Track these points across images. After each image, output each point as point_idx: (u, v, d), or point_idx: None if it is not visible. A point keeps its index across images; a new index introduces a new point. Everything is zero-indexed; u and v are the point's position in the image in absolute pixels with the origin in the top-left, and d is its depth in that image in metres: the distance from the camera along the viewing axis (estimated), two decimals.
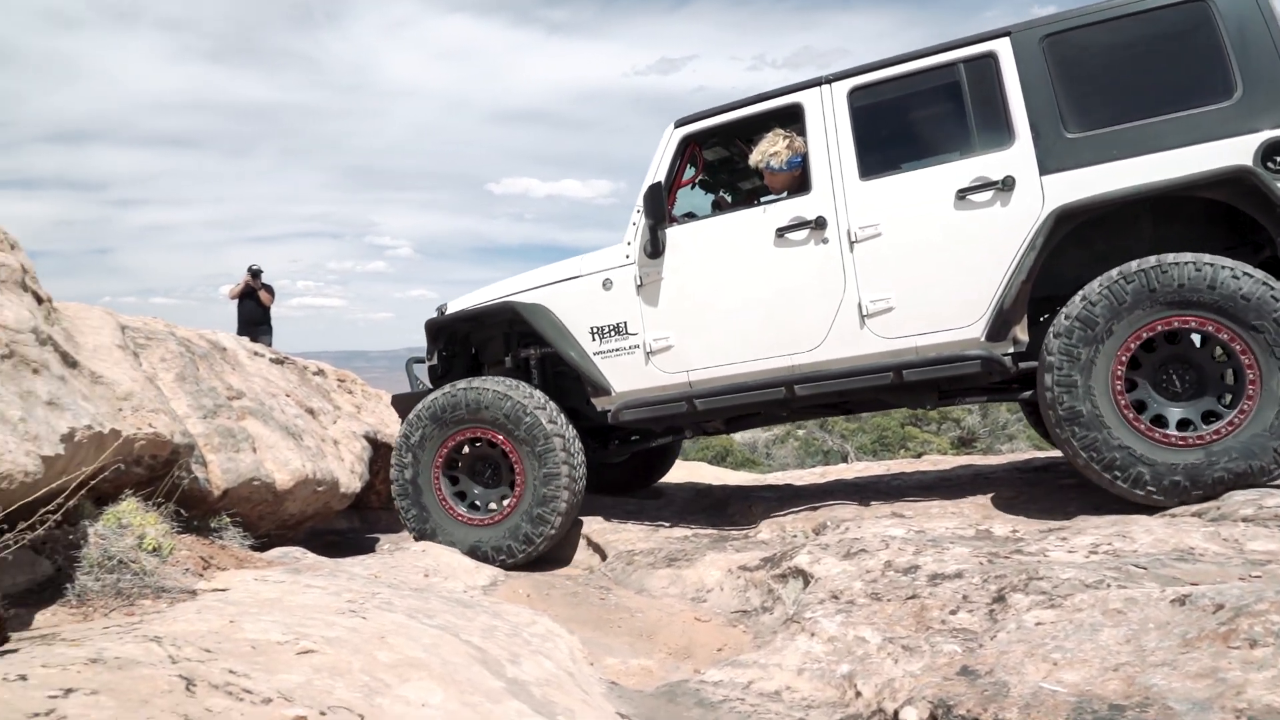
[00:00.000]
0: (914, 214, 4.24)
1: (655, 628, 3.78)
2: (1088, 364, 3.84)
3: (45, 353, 2.93)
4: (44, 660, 1.82)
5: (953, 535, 3.94)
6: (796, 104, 4.49)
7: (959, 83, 4.21)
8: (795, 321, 4.43)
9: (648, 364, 4.70)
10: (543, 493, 4.67)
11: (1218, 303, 3.67)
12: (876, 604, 3.15)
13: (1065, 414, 3.86)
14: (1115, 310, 3.81)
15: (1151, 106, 3.91)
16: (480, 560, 4.62)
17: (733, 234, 4.61)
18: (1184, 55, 3.93)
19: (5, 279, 3.07)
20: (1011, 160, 4.08)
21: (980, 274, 4.12)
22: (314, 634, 2.39)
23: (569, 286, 4.90)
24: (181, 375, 4.21)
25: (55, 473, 2.61)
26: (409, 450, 4.87)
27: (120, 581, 2.69)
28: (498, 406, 4.73)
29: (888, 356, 4.29)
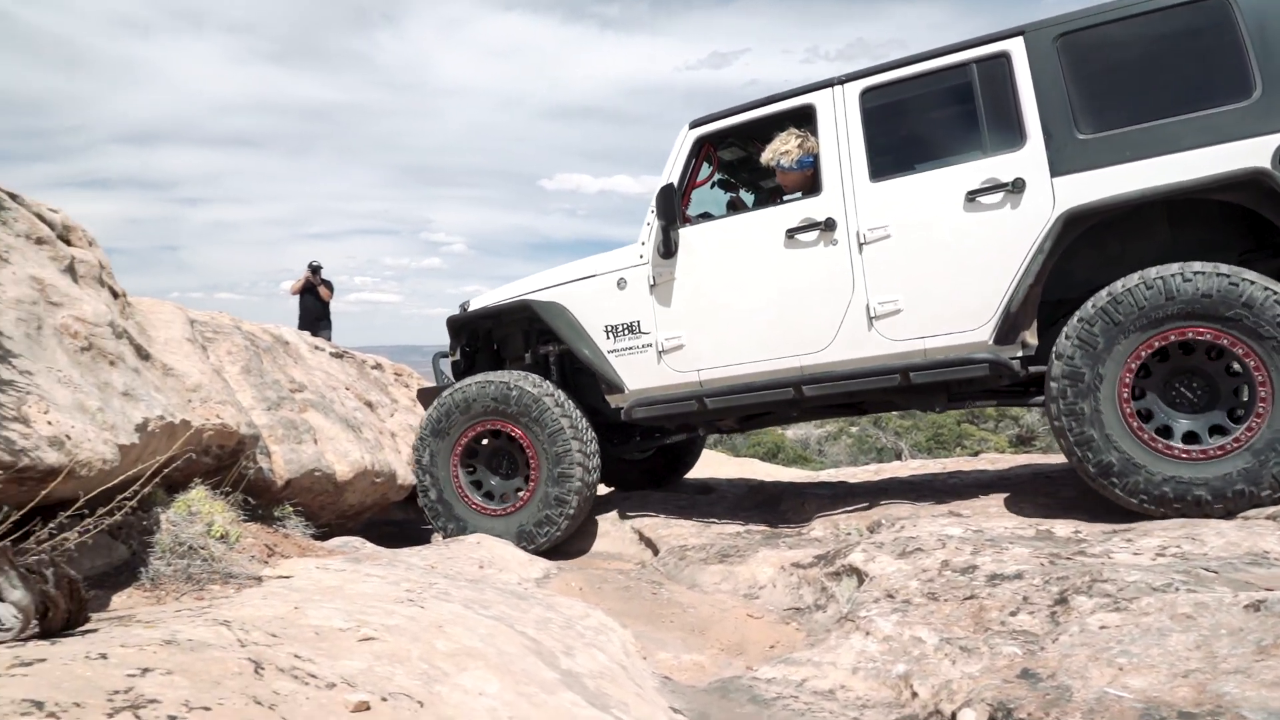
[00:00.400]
0: (923, 216, 4.21)
1: (707, 623, 3.78)
2: (1092, 384, 3.79)
3: (121, 346, 3.05)
4: (122, 641, 1.89)
5: (1012, 535, 3.86)
6: (809, 105, 4.48)
7: (971, 83, 4.15)
8: (804, 322, 4.44)
9: (659, 363, 4.76)
10: (554, 495, 4.77)
11: (1216, 312, 3.60)
12: (933, 604, 3.11)
13: (1076, 440, 3.84)
14: (1113, 330, 3.76)
15: (1166, 106, 3.82)
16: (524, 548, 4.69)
17: (744, 235, 4.62)
18: (1201, 53, 3.82)
19: (84, 274, 3.20)
20: (1022, 162, 4.02)
21: (989, 277, 4.08)
22: (374, 622, 2.44)
23: (584, 286, 4.97)
24: (247, 368, 4.34)
25: (130, 461, 2.72)
26: (428, 443, 5.00)
27: (190, 567, 2.79)
28: (509, 398, 4.84)
29: (895, 358, 4.28)
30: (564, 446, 4.77)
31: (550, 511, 4.79)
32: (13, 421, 2.26)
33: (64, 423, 2.44)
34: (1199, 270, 3.67)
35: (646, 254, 4.79)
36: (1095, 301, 3.83)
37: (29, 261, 2.88)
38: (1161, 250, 4.01)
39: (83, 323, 2.87)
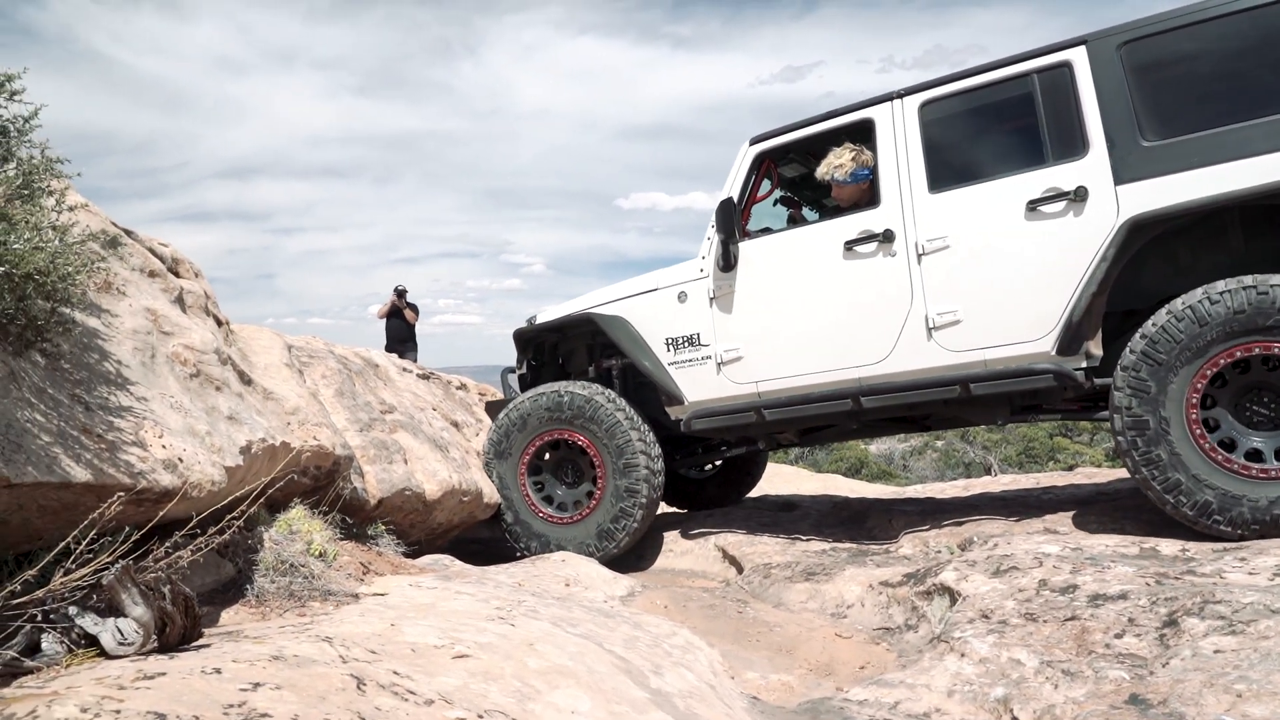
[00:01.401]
0: (983, 226, 4.18)
1: (795, 643, 3.73)
2: (1159, 429, 3.72)
3: (226, 371, 3.20)
4: (234, 656, 1.98)
5: (1113, 553, 3.70)
6: (869, 119, 4.51)
7: (1032, 94, 4.12)
8: (862, 334, 4.44)
9: (719, 374, 4.81)
10: (624, 486, 4.92)
11: (1256, 325, 3.55)
12: (1031, 625, 3.01)
13: (1163, 487, 3.75)
14: (1161, 371, 3.71)
15: (1236, 111, 3.71)
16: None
17: (802, 247, 4.65)
18: (1273, 57, 3.69)
19: (192, 304, 3.37)
20: (1085, 170, 3.96)
21: (1051, 286, 4.02)
22: (467, 639, 2.49)
23: (646, 299, 5.07)
24: (340, 391, 4.49)
25: (235, 482, 2.84)
26: (494, 466, 5.22)
27: (292, 584, 2.90)
28: (577, 408, 5.01)
29: (955, 369, 4.24)
30: (624, 438, 4.92)
31: (624, 504, 4.93)
32: (131, 446, 2.39)
33: (176, 446, 2.57)
34: (1224, 290, 3.62)
35: (707, 268, 4.87)
36: (1133, 347, 3.79)
37: (143, 294, 3.05)
38: (1234, 260, 3.91)
39: (191, 350, 3.02)
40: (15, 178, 2.09)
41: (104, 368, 2.56)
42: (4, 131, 2.18)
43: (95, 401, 2.41)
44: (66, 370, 2.39)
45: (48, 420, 2.17)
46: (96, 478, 2.18)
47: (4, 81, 2.15)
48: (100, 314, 2.71)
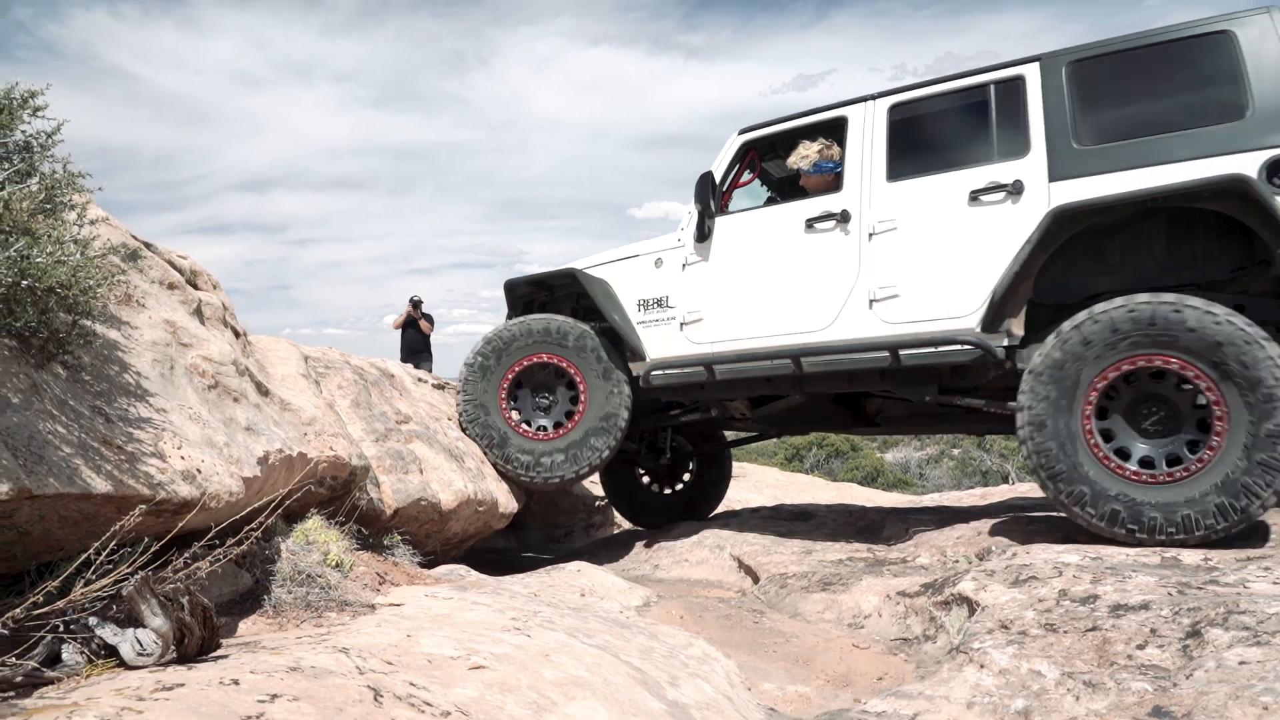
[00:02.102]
0: (929, 211, 4.55)
1: (811, 653, 3.71)
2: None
3: (243, 382, 3.22)
4: (251, 667, 1.98)
5: (1134, 562, 3.66)
6: (843, 116, 4.91)
7: (988, 101, 4.53)
8: (811, 303, 4.82)
9: (680, 333, 5.23)
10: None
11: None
12: (1052, 635, 2.97)
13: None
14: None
15: (1163, 124, 4.11)
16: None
17: (769, 224, 5.06)
18: (1202, 79, 4.11)
19: (210, 316, 3.40)
20: (1024, 168, 4.36)
21: (982, 268, 4.38)
22: (483, 650, 2.49)
23: (627, 264, 5.49)
24: (356, 401, 4.51)
25: (253, 493, 2.86)
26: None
27: (309, 595, 2.91)
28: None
29: (888, 339, 4.59)
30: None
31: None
32: (151, 457, 2.41)
33: (195, 457, 2.58)
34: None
35: (684, 238, 5.28)
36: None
37: (162, 305, 3.08)
38: (1158, 263, 4.26)
39: (210, 362, 3.05)
40: (38, 192, 2.11)
41: (124, 379, 2.58)
42: (28, 147, 2.20)
43: (115, 413, 2.43)
44: (87, 382, 2.41)
45: (69, 432, 2.19)
46: (116, 489, 2.20)
47: (27, 98, 2.18)
48: (120, 326, 2.74)
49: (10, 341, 2.20)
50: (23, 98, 2.23)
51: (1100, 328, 3.97)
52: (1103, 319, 3.98)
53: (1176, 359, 3.83)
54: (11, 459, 1.95)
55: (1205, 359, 3.77)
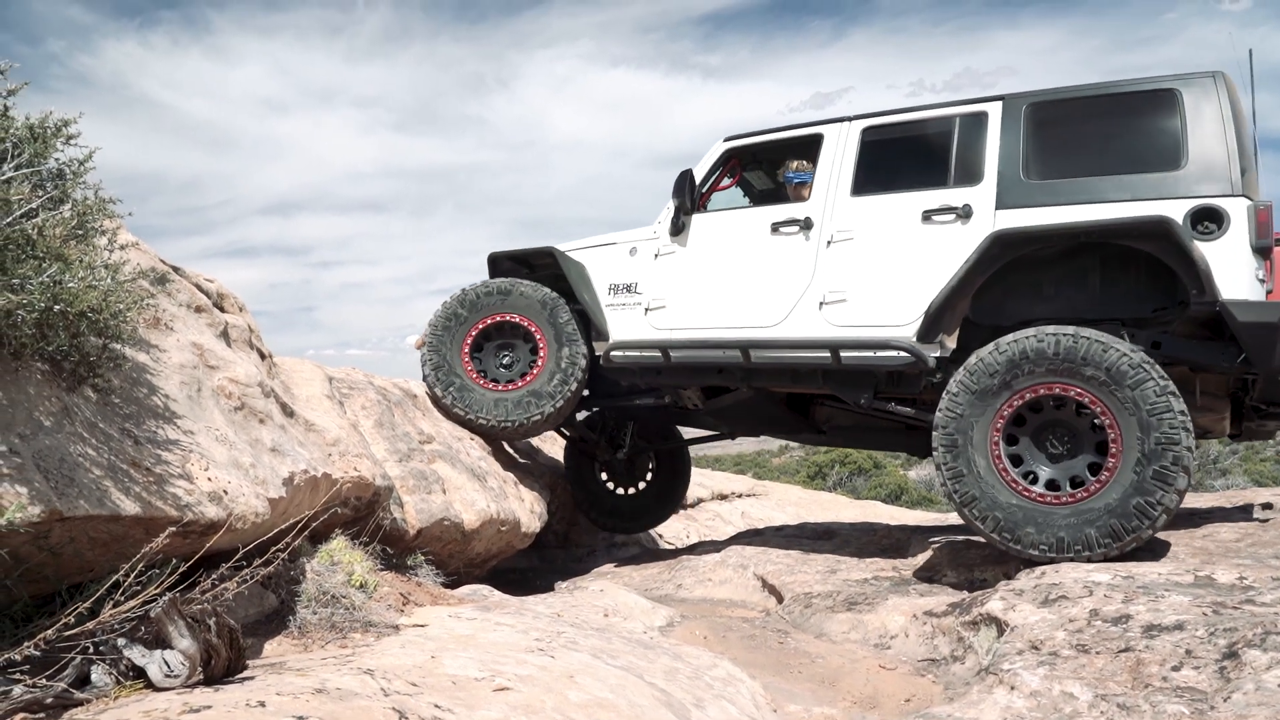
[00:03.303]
0: (884, 225, 4.85)
1: (837, 674, 3.66)
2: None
3: (269, 404, 3.25)
4: (278, 689, 1.99)
5: (1167, 581, 3.59)
6: (820, 134, 5.22)
7: (952, 131, 4.83)
8: (766, 300, 5.09)
9: (644, 318, 5.50)
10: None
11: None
12: (1084, 656, 2.92)
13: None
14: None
15: (1105, 167, 4.43)
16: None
17: (738, 225, 5.35)
18: (1146, 130, 4.45)
19: (236, 338, 3.44)
20: (975, 194, 4.65)
21: (925, 281, 4.64)
22: (507, 671, 2.48)
23: (603, 250, 5.76)
24: (379, 421, 4.54)
25: (278, 514, 2.88)
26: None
27: (334, 615, 2.92)
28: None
29: (831, 340, 4.87)
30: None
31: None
32: (178, 479, 2.44)
33: (222, 479, 2.61)
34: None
35: (660, 231, 5.55)
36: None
37: (190, 329, 3.12)
38: (1089, 297, 4.57)
39: (236, 384, 3.08)
40: (71, 219, 2.15)
41: (152, 402, 2.62)
42: (60, 175, 2.25)
43: (144, 435, 2.46)
44: (117, 405, 2.44)
45: (98, 454, 2.22)
46: (145, 510, 2.22)
47: (60, 127, 2.23)
48: (149, 349, 2.78)
49: (42, 365, 2.23)
50: (56, 126, 2.28)
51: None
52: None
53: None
54: (43, 481, 1.98)
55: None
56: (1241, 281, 4.09)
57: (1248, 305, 4.06)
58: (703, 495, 11.16)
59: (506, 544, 5.19)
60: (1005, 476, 4.21)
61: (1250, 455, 20.55)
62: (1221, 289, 4.07)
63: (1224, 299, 4.07)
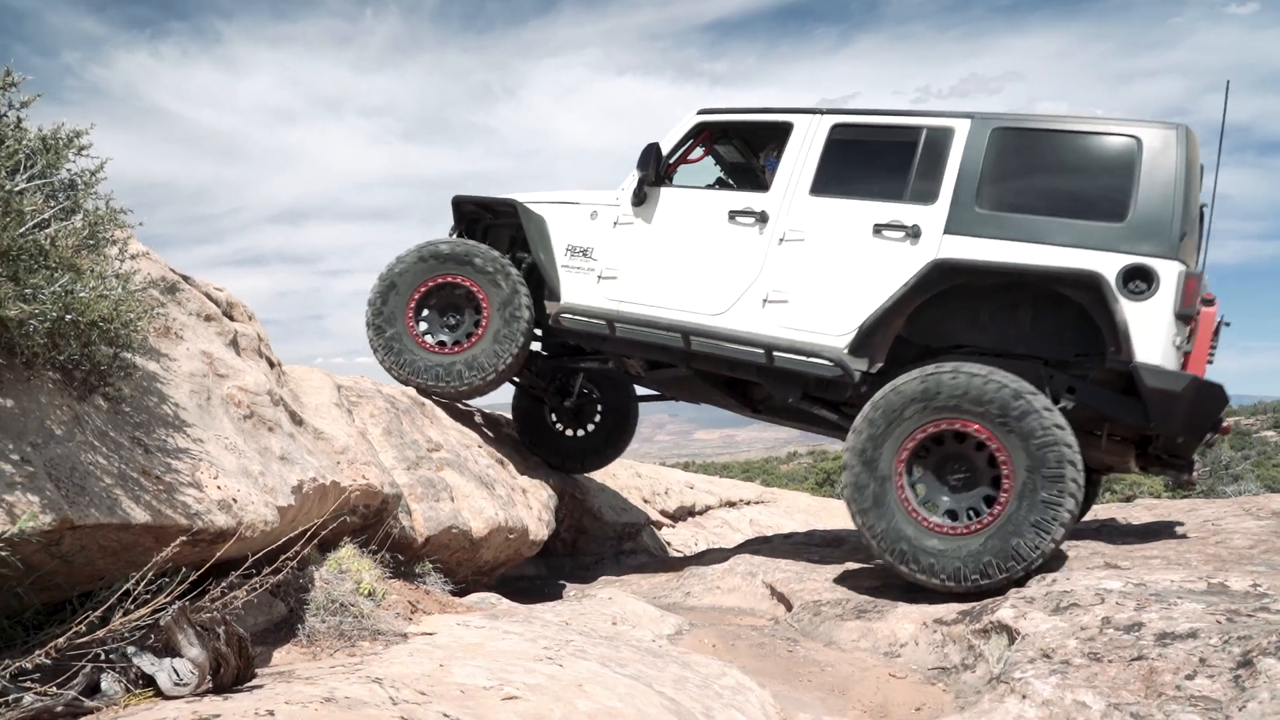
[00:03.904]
0: (836, 231, 4.88)
1: (847, 683, 3.64)
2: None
3: (278, 412, 3.26)
4: (286, 697, 1.99)
5: (1180, 589, 3.57)
6: (790, 122, 5.19)
7: (917, 143, 4.80)
8: (713, 288, 5.12)
9: (596, 285, 5.49)
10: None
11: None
12: (1096, 665, 2.90)
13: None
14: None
15: (1054, 207, 4.46)
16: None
17: (698, 206, 5.34)
18: (1099, 176, 4.47)
19: (245, 346, 3.45)
20: (927, 215, 4.66)
21: (864, 296, 4.70)
22: (516, 680, 2.48)
23: (565, 208, 5.72)
24: (388, 430, 4.55)
25: (287, 522, 2.88)
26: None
27: (342, 624, 2.92)
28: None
29: (768, 338, 4.94)
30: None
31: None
32: (188, 487, 2.44)
33: (231, 487, 2.61)
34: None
35: (622, 199, 5.51)
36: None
37: (199, 337, 3.13)
38: (1019, 332, 4.65)
39: (245, 392, 3.09)
40: (82, 229, 2.17)
41: (162, 410, 2.63)
42: (72, 185, 2.27)
43: (154, 444, 2.47)
44: (127, 413, 2.46)
45: (109, 463, 2.23)
46: (155, 519, 2.23)
47: (73, 138, 2.24)
48: (159, 358, 2.79)
49: (54, 374, 2.24)
50: (68, 138, 2.30)
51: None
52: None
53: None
54: (55, 490, 1.98)
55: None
56: (1158, 346, 4.19)
57: (1159, 372, 4.17)
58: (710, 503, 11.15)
59: (515, 552, 5.18)
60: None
61: (1263, 461, 20.42)
62: (1138, 351, 4.18)
63: (1138, 361, 4.18)
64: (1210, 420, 4.34)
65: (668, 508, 9.61)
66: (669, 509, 9.63)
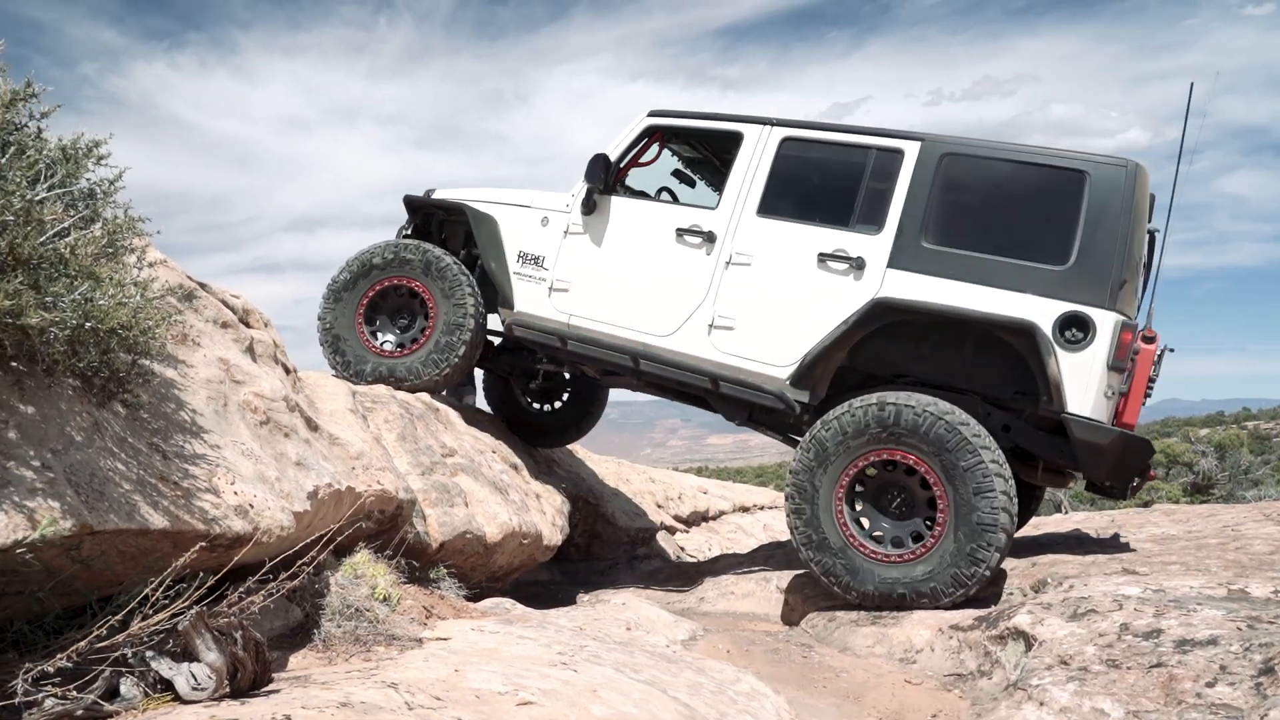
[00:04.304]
0: (781, 258, 4.83)
1: (862, 689, 3.63)
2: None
3: (294, 418, 3.28)
4: (303, 702, 2.00)
5: (1199, 595, 3.53)
6: (740, 132, 5.10)
7: (865, 165, 4.73)
8: (661, 309, 5.09)
9: (548, 297, 5.44)
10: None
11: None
12: (1114, 672, 2.88)
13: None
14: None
15: (997, 246, 4.43)
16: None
17: (646, 220, 5.27)
18: (1044, 213, 4.42)
19: (261, 353, 3.48)
20: (871, 245, 4.62)
21: (807, 328, 4.69)
22: (530, 685, 2.48)
23: (517, 211, 5.63)
24: (402, 435, 4.56)
25: (303, 527, 2.90)
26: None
27: (358, 629, 2.93)
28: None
29: (713, 365, 4.95)
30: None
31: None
32: (205, 493, 2.46)
33: (247, 492, 2.63)
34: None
35: (572, 206, 5.42)
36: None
37: (216, 344, 3.16)
38: (961, 367, 4.64)
39: (261, 398, 3.11)
40: (101, 237, 2.19)
41: (180, 417, 2.65)
42: (91, 194, 2.29)
43: (172, 450, 2.49)
44: (145, 420, 2.48)
45: (128, 469, 2.25)
46: (173, 524, 2.25)
47: (91, 148, 2.27)
48: (176, 365, 2.81)
49: (74, 381, 2.27)
50: (87, 147, 2.32)
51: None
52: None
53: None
54: (74, 496, 2.00)
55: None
56: (1089, 398, 4.23)
57: (1087, 424, 4.22)
58: (724, 508, 11.13)
59: (528, 557, 5.19)
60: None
61: None
62: (1069, 401, 4.22)
63: (1069, 411, 4.23)
64: (1135, 470, 4.45)
65: (681, 513, 9.60)
66: (682, 514, 9.62)
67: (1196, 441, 15.93)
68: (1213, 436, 15.99)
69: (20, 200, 2.00)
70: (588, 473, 7.82)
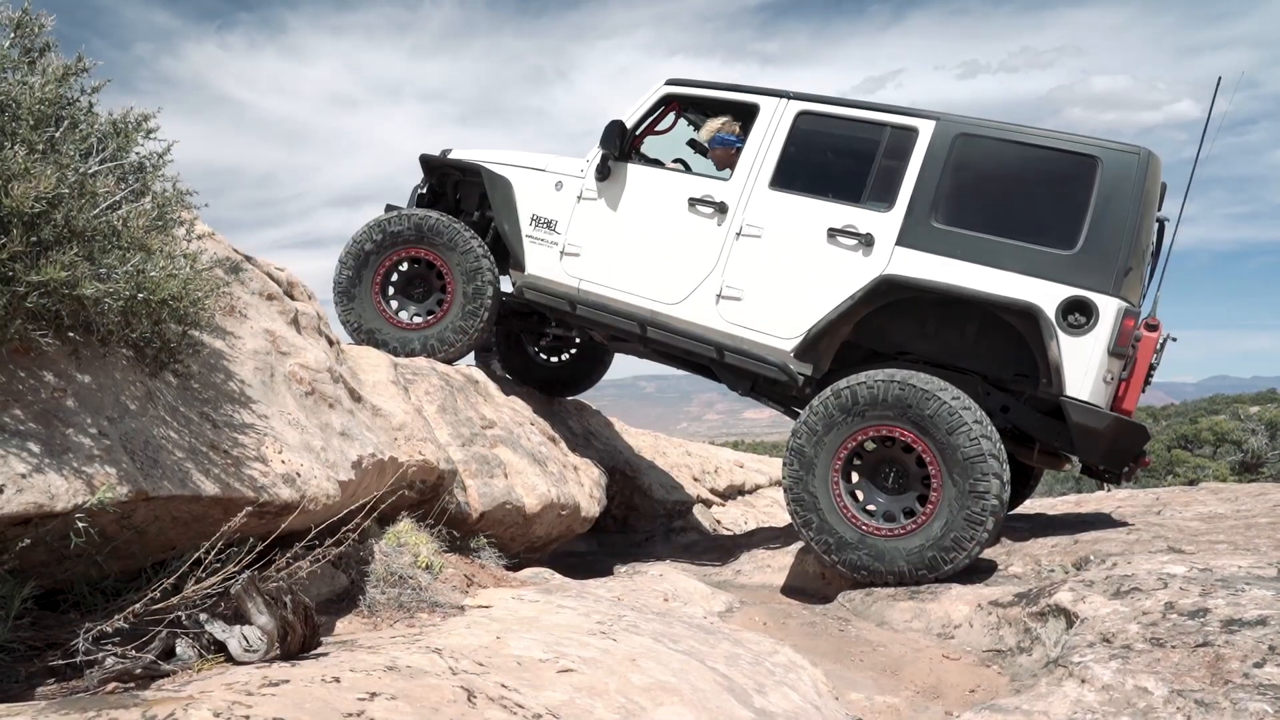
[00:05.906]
0: (791, 232, 4.84)
1: (899, 663, 3.62)
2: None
3: (338, 389, 3.33)
4: (351, 665, 2.05)
5: (1247, 575, 3.47)
6: (756, 104, 5.09)
7: (880, 142, 4.73)
8: (671, 277, 5.11)
9: (559, 261, 5.44)
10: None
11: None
12: (1159, 650, 2.84)
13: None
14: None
15: (1006, 227, 4.45)
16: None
17: (660, 188, 5.27)
18: (1055, 197, 4.44)
19: (306, 325, 3.53)
20: (881, 223, 4.62)
21: (814, 302, 4.72)
22: (570, 653, 2.51)
23: (532, 174, 5.62)
24: (443, 407, 4.62)
25: (347, 496, 2.95)
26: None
27: (402, 596, 2.99)
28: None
29: (719, 335, 4.98)
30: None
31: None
32: (254, 461, 2.52)
33: (294, 461, 2.69)
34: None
35: (587, 171, 5.42)
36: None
37: (262, 316, 3.21)
38: (963, 346, 4.71)
39: (307, 369, 3.16)
40: (151, 210, 2.23)
41: (229, 387, 2.70)
42: (141, 168, 2.33)
43: (221, 419, 2.54)
44: (195, 389, 2.53)
45: (180, 437, 2.31)
46: (224, 491, 2.30)
47: (140, 122, 2.30)
48: (224, 336, 2.87)
49: (127, 351, 2.32)
50: (136, 121, 2.36)
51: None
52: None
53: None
54: (130, 463, 2.06)
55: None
56: (1088, 382, 4.26)
57: (1084, 408, 4.27)
58: (760, 482, 11.12)
59: (566, 528, 5.24)
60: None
61: None
62: (1068, 385, 4.27)
63: (1067, 395, 4.27)
64: (1129, 455, 4.50)
65: (718, 486, 9.61)
66: (719, 487, 9.63)
67: (1246, 419, 15.54)
68: (1263, 414, 15.58)
69: (74, 174, 2.04)
70: (624, 445, 7.86)
